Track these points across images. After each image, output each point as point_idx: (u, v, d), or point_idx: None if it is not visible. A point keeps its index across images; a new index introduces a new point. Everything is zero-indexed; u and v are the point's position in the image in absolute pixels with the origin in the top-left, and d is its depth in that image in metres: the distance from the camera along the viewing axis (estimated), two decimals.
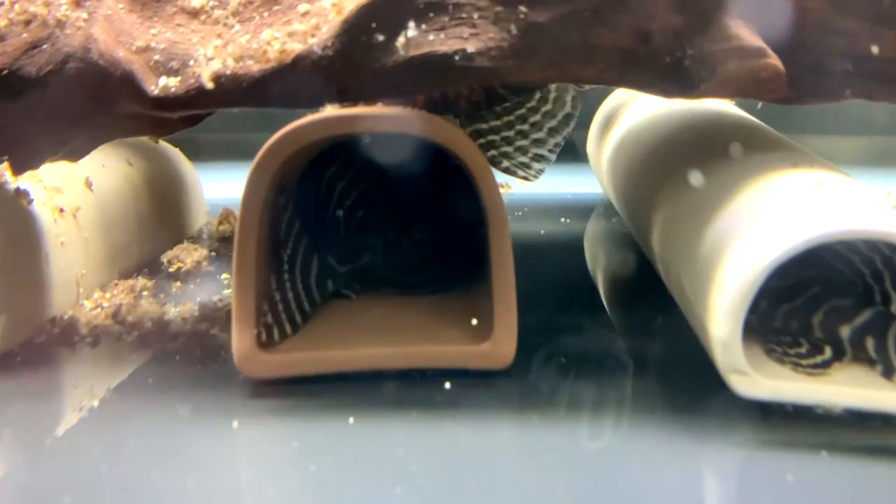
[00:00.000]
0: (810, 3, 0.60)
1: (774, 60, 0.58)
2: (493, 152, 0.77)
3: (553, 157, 0.75)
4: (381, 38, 0.54)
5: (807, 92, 0.61)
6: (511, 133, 0.75)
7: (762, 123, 0.81)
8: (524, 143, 0.75)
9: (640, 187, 0.81)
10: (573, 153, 1.22)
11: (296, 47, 0.55)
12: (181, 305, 0.70)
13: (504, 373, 0.57)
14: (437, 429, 0.51)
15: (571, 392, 0.57)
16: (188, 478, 0.46)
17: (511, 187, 1.22)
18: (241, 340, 0.55)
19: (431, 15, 0.54)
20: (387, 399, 0.54)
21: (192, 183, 0.96)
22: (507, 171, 0.78)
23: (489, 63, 0.55)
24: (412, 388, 0.56)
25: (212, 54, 0.56)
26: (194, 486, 0.44)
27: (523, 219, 1.06)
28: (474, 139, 0.74)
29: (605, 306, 0.75)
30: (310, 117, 0.54)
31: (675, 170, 0.73)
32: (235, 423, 0.51)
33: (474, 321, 0.59)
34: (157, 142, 0.94)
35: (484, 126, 0.75)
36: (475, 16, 0.55)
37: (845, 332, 0.55)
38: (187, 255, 0.82)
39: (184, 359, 0.60)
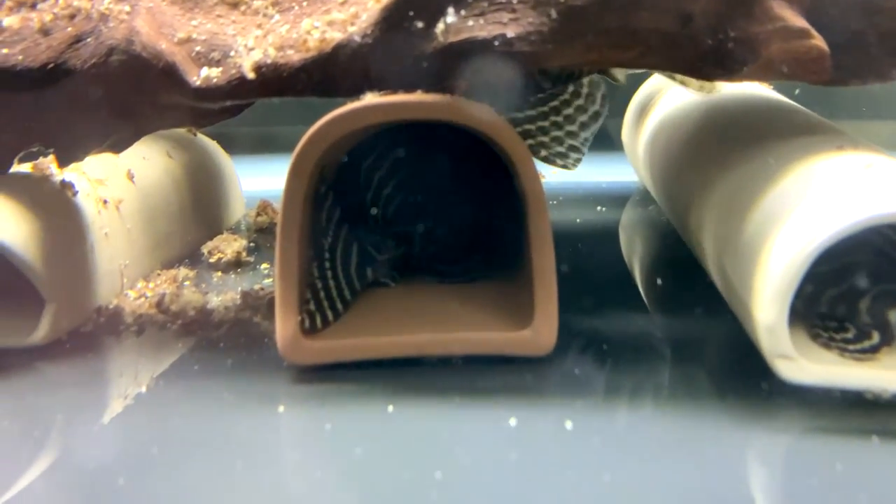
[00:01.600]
0: None
1: (819, 41, 0.58)
2: (531, 141, 0.76)
3: (585, 149, 0.75)
4: (420, 24, 0.54)
5: (851, 73, 0.60)
6: (546, 123, 0.75)
7: (802, 107, 0.80)
8: (559, 133, 0.75)
9: (679, 174, 0.81)
10: (608, 141, 1.21)
11: (335, 36, 0.55)
12: (223, 295, 0.70)
13: (547, 359, 0.57)
14: (480, 414, 0.51)
15: (613, 378, 0.57)
16: (235, 461, 0.46)
17: (545, 176, 1.21)
18: (284, 327, 0.56)
19: (471, 1, 0.54)
20: (429, 385, 0.55)
21: (230, 175, 0.96)
22: (545, 159, 0.78)
23: (529, 48, 0.55)
24: (452, 375, 0.56)
25: (252, 44, 0.57)
26: (241, 469, 0.45)
27: (559, 207, 1.05)
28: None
29: (643, 293, 0.75)
30: (351, 105, 0.54)
31: (715, 156, 0.72)
32: (281, 408, 0.51)
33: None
34: (195, 134, 0.95)
35: (520, 116, 0.75)
36: (515, 0, 0.55)
37: (894, 316, 0.54)
38: (227, 246, 0.82)
39: (228, 346, 0.61)
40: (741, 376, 0.55)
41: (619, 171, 1.16)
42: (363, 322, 0.60)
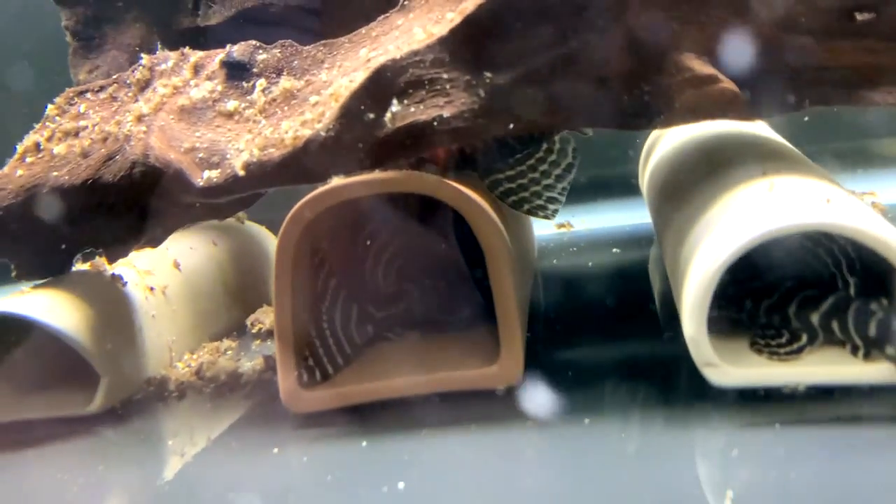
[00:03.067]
0: (761, 30, 0.66)
1: (727, 84, 0.65)
2: (514, 197, 0.85)
3: (563, 199, 0.83)
4: (371, 116, 0.65)
5: (769, 107, 0.67)
6: (525, 181, 0.83)
7: (767, 136, 0.85)
8: (538, 188, 0.83)
9: (658, 211, 0.87)
10: (630, 187, 1.27)
11: (305, 133, 0.66)
12: (255, 360, 0.81)
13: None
14: (445, 440, 0.59)
15: (576, 401, 0.64)
16: (228, 493, 0.56)
17: (573, 226, 1.29)
18: (284, 382, 0.66)
19: (411, 91, 0.64)
20: (404, 421, 0.63)
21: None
22: (528, 212, 0.87)
23: (464, 123, 0.64)
24: (429, 411, 0.64)
25: (243, 147, 0.68)
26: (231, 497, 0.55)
27: (578, 253, 1.12)
28: (495, 188, 0.83)
29: (620, 324, 0.81)
30: (320, 189, 0.65)
31: (677, 191, 0.79)
32: (275, 450, 0.61)
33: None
34: (242, 222, 1.09)
35: (501, 176, 0.84)
36: (448, 86, 0.64)
37: (815, 318, 0.59)
38: (266, 317, 0.94)
39: (247, 402, 0.72)
40: (682, 386, 0.61)
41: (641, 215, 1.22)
42: (355, 372, 0.70)
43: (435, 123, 0.64)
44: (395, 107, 0.64)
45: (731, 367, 0.57)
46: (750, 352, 0.60)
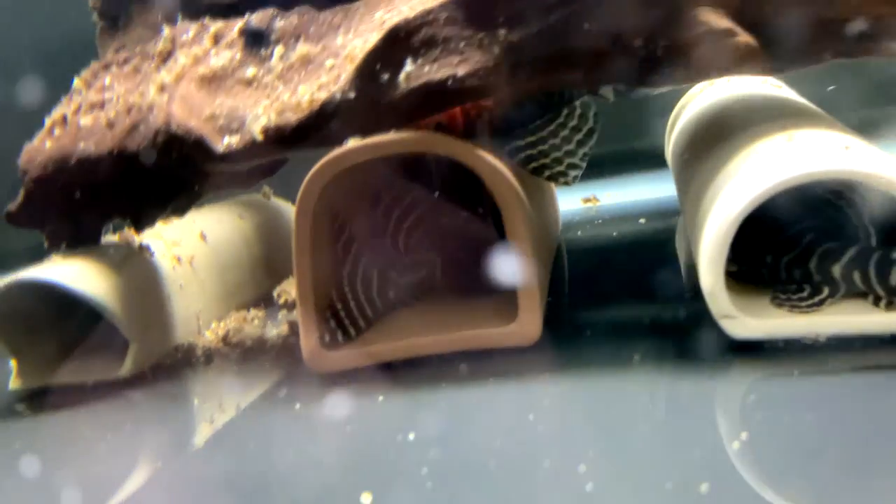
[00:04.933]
0: None
1: (745, 37, 0.64)
2: (535, 164, 0.85)
3: (584, 164, 0.82)
4: (386, 76, 0.65)
5: (787, 61, 0.66)
6: (546, 147, 0.83)
7: (789, 98, 0.84)
8: (558, 154, 0.83)
9: (681, 178, 0.86)
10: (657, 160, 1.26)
11: (322, 96, 0.67)
12: (280, 327, 0.82)
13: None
14: (462, 394, 0.60)
15: (597, 355, 0.64)
16: (251, 444, 0.57)
17: (599, 200, 1.28)
18: (307, 343, 0.67)
19: (425, 50, 0.65)
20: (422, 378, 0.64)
21: None
22: (549, 178, 0.86)
23: (478, 82, 0.64)
24: (451, 369, 0.65)
25: (261, 112, 0.69)
26: (253, 448, 0.56)
27: (602, 225, 1.12)
28: (515, 154, 0.83)
29: (638, 286, 0.81)
30: (336, 150, 0.65)
31: (699, 155, 0.78)
32: (297, 406, 0.62)
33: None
34: (268, 198, 1.10)
35: (521, 142, 0.84)
36: (462, 45, 0.64)
37: (836, 270, 0.58)
38: (293, 288, 0.95)
39: (271, 365, 0.73)
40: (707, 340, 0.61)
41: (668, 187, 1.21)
42: (375, 334, 0.70)
43: (449, 82, 0.64)
44: (408, 66, 0.64)
45: (750, 319, 0.57)
46: (770, 305, 0.60)
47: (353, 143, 0.65)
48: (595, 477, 0.45)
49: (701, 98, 0.99)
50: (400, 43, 0.64)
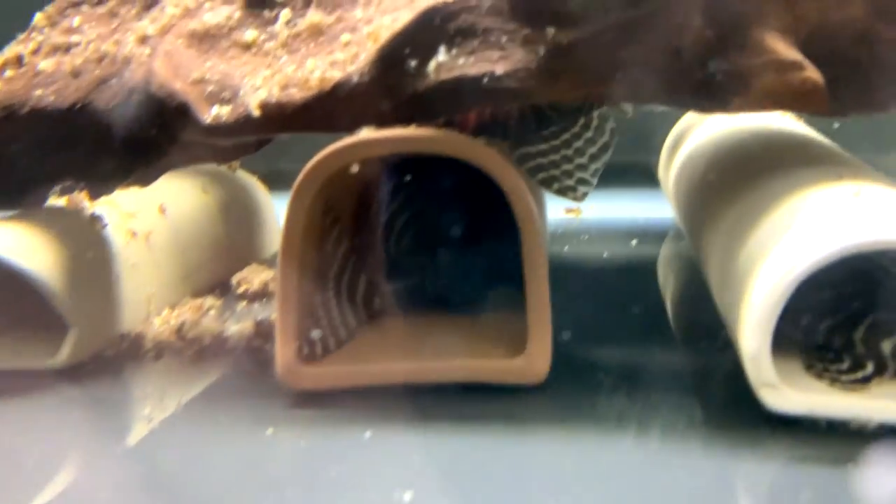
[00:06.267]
0: (852, 12, 0.59)
1: (812, 73, 0.58)
2: (543, 175, 0.78)
3: (595, 181, 0.76)
4: (413, 63, 0.57)
5: (851, 104, 0.60)
6: (557, 157, 0.77)
7: (824, 140, 0.79)
8: (569, 167, 0.76)
9: (696, 207, 0.81)
10: (649, 177, 1.21)
11: (335, 75, 0.58)
12: (241, 323, 0.73)
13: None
14: (458, 439, 0.52)
15: (606, 407, 0.58)
16: (213, 480, 0.49)
17: (581, 212, 1.22)
18: (283, 354, 0.58)
19: (461, 40, 0.57)
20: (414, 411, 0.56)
21: (267, 209, 1.00)
22: (558, 192, 0.80)
23: (517, 84, 0.57)
24: (442, 402, 0.57)
25: (260, 84, 0.60)
26: (215, 486, 0.47)
27: (590, 242, 1.06)
28: (524, 162, 0.75)
29: (644, 322, 0.75)
30: (346, 140, 0.57)
31: (725, 188, 0.72)
32: (270, 431, 0.54)
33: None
34: (234, 171, 1.00)
35: (532, 150, 0.77)
36: (503, 39, 0.57)
37: (888, 347, 0.53)
38: (255, 277, 0.86)
39: (234, 371, 0.64)
40: (733, 407, 0.55)
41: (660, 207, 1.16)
42: (362, 349, 0.62)
43: (485, 80, 0.56)
44: (441, 56, 0.56)
45: (792, 391, 0.51)
46: (807, 376, 0.54)
47: (367, 133, 0.57)
48: None
49: (714, 121, 0.93)
50: (434, 27, 0.56)
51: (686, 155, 0.94)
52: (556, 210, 1.17)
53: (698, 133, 0.96)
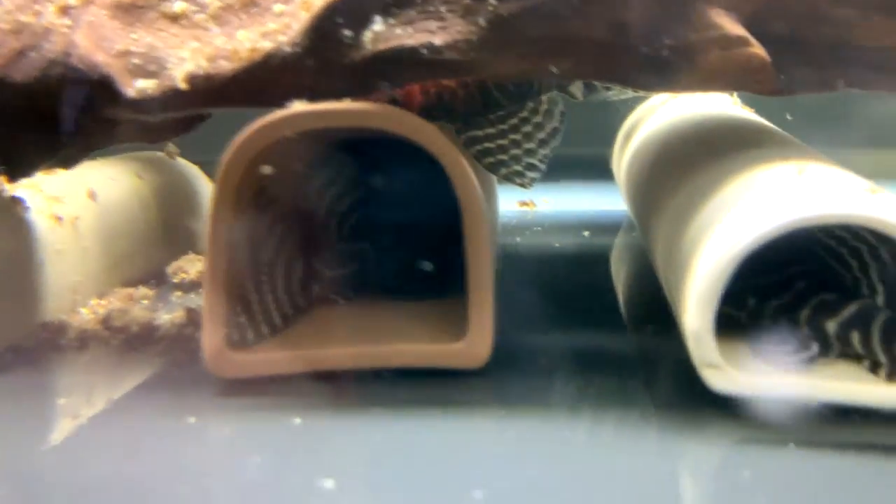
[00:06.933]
0: None
1: (758, 50, 0.57)
2: (490, 159, 0.76)
3: (543, 167, 0.74)
4: (348, 33, 0.54)
5: (797, 83, 0.59)
6: (505, 142, 0.75)
7: (771, 126, 0.78)
8: (518, 151, 0.75)
9: (644, 197, 0.79)
10: (602, 169, 1.20)
11: (266, 46, 0.56)
12: (173, 312, 0.70)
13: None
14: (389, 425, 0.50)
15: (552, 391, 0.56)
16: (131, 468, 0.45)
17: (536, 205, 1.20)
18: (210, 341, 0.55)
19: (397, 9, 0.54)
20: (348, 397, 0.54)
21: (207, 198, 0.97)
22: (506, 177, 0.78)
23: (459, 56, 0.54)
24: (382, 387, 0.55)
25: (187, 56, 0.57)
26: (132, 475, 0.44)
27: (545, 233, 1.04)
28: (471, 145, 0.73)
29: (587, 310, 0.74)
30: (275, 114, 0.54)
31: (671, 176, 0.71)
32: (192, 420, 0.51)
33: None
34: (173, 158, 0.96)
35: (479, 133, 0.75)
36: (443, 9, 0.54)
37: (832, 326, 0.52)
38: (191, 266, 0.83)
39: (162, 360, 0.61)
40: (679, 388, 0.53)
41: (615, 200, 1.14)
42: (298, 336, 0.59)
43: (424, 51, 0.54)
44: (377, 25, 0.54)
45: (736, 371, 0.49)
46: (751, 356, 0.52)
47: (298, 106, 0.54)
48: None
49: (664, 111, 0.92)
50: None
51: (636, 146, 0.93)
52: (510, 202, 1.16)
53: (648, 124, 0.95)
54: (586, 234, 1.00)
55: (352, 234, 0.72)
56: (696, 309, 0.48)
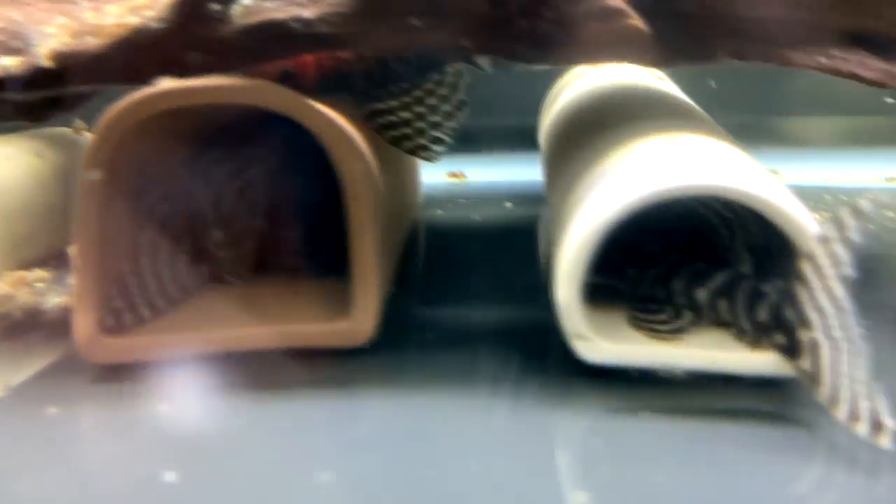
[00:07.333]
0: None
1: (637, 21, 0.56)
2: (394, 133, 0.75)
3: (450, 140, 0.73)
4: (216, 7, 0.53)
5: (675, 54, 0.59)
6: (409, 115, 0.73)
7: (675, 96, 0.78)
8: (422, 125, 0.73)
9: (546, 169, 0.79)
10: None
11: (132, 21, 0.54)
12: (63, 296, 0.68)
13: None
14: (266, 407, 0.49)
15: (437, 366, 0.56)
16: None
17: (466, 177, 1.20)
18: (81, 326, 0.54)
19: None
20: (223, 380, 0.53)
21: None
22: (410, 151, 0.77)
23: (330, 29, 0.54)
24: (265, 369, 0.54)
25: (53, 32, 0.55)
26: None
27: (465, 206, 1.03)
28: (372, 119, 0.72)
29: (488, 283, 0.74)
30: (141, 92, 0.53)
31: (570, 146, 0.70)
32: (54, 410, 0.49)
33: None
34: (81, 134, 0.94)
35: (381, 106, 0.73)
36: None
37: (702, 295, 0.52)
38: None
39: (41, 346, 0.59)
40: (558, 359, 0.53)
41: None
42: (182, 319, 0.58)
43: (294, 24, 0.53)
44: None
45: (604, 342, 0.49)
46: (627, 327, 0.53)
47: (166, 83, 0.53)
48: None
49: (580, 82, 0.92)
50: None
51: (550, 118, 0.93)
52: (439, 174, 1.15)
53: (564, 96, 0.95)
54: (508, 205, 1.00)
55: (248, 212, 0.71)
56: (562, 282, 0.48)
